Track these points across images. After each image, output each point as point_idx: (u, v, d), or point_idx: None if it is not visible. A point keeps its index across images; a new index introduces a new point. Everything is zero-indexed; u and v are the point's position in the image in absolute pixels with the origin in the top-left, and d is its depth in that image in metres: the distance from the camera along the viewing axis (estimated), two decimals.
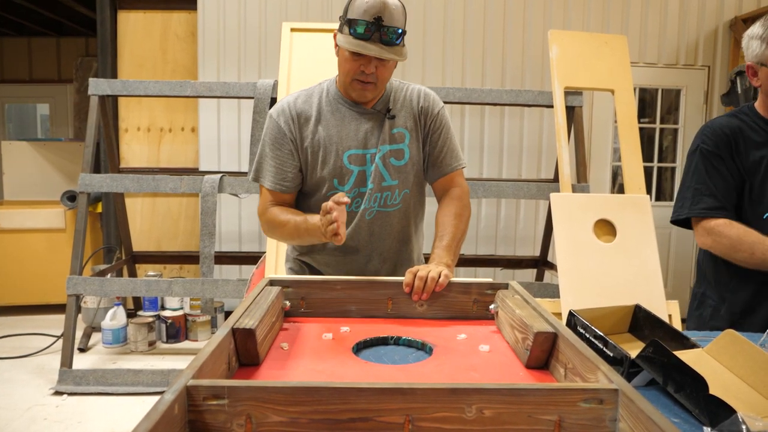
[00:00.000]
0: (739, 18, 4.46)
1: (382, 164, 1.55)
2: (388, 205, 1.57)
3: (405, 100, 1.60)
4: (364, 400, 0.72)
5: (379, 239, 1.58)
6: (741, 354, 1.04)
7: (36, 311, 4.60)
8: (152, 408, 0.64)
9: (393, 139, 1.56)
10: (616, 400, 0.75)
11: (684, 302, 4.65)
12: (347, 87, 1.52)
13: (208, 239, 3.38)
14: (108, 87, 3.51)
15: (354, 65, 1.46)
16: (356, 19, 1.41)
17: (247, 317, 1.00)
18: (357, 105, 1.56)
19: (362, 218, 1.56)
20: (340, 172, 1.54)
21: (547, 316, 1.04)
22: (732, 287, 1.67)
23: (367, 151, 1.55)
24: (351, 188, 1.54)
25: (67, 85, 7.24)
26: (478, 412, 0.74)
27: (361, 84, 1.49)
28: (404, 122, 1.58)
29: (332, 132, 1.55)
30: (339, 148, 1.54)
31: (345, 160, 1.54)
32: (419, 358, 1.09)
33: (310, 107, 1.57)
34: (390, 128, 1.56)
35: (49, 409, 3.03)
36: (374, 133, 1.56)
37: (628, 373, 1.05)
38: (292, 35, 3.55)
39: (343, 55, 1.48)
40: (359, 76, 1.47)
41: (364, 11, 1.40)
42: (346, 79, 1.50)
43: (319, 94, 1.60)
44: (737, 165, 1.63)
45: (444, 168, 1.62)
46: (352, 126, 1.55)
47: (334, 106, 1.57)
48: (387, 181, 1.56)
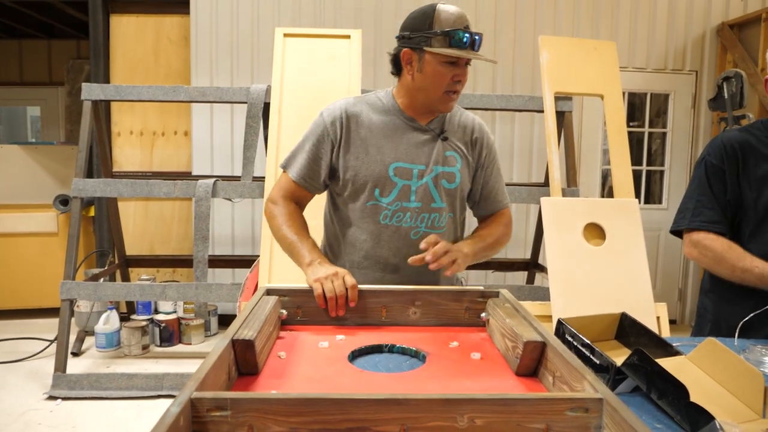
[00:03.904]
0: (726, 24, 4.52)
1: (433, 185, 1.55)
2: (435, 227, 1.57)
3: (459, 125, 1.61)
4: (362, 411, 0.76)
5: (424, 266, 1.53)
6: (722, 362, 1.08)
7: (28, 315, 4.59)
8: (159, 421, 0.67)
9: (446, 161, 1.56)
10: (600, 409, 0.78)
11: (672, 304, 4.73)
12: (436, 101, 1.51)
13: (201, 243, 3.40)
14: (101, 92, 3.52)
15: (449, 76, 1.47)
16: (454, 30, 1.43)
17: (245, 328, 1.03)
18: (412, 119, 1.57)
19: (407, 237, 1.55)
20: (384, 182, 1.53)
21: (537, 325, 1.08)
22: (731, 300, 1.68)
23: (415, 166, 1.54)
24: (393, 201, 1.53)
25: (58, 87, 7.22)
26: (470, 421, 0.77)
27: (453, 95, 1.50)
28: (456, 146, 1.59)
29: (381, 141, 1.54)
30: (386, 158, 1.53)
31: (390, 171, 1.53)
32: (413, 365, 1.12)
33: (363, 113, 1.57)
34: (443, 150, 1.57)
35: (43, 413, 3.04)
36: (425, 151, 1.55)
37: (614, 380, 1.09)
38: (285, 40, 3.58)
39: (435, 69, 1.47)
40: (451, 86, 1.49)
41: (455, 21, 1.44)
42: (438, 92, 1.49)
43: (374, 103, 1.60)
44: (742, 180, 1.64)
45: (496, 204, 1.67)
46: (403, 139, 1.55)
47: (388, 116, 1.57)
48: (436, 203, 1.56)
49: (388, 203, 1.53)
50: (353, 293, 1.31)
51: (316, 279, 1.33)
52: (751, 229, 1.65)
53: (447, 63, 1.46)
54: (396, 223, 1.54)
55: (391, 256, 1.55)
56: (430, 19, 1.46)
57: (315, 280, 1.33)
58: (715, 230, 1.64)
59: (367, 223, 1.56)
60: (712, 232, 1.65)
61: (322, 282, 1.32)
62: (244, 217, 4.51)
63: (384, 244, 1.55)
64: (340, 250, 1.63)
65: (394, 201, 1.53)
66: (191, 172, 4.51)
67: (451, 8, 1.47)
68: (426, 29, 1.46)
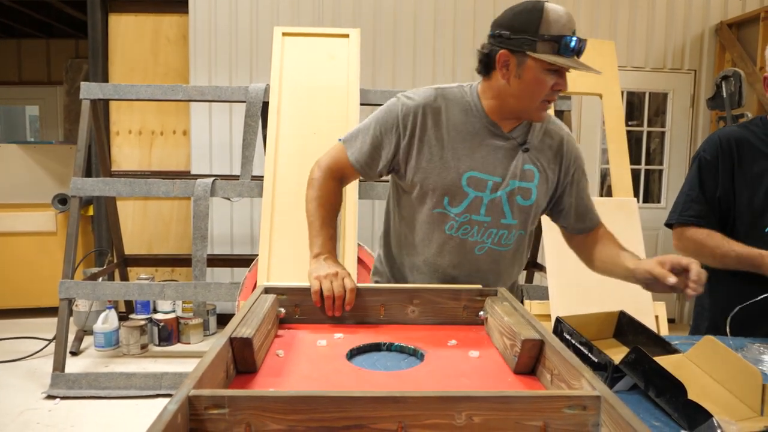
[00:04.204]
0: (724, 23, 4.53)
1: (506, 200, 1.43)
2: (502, 245, 1.47)
3: (545, 135, 1.48)
4: (359, 408, 0.76)
5: (483, 276, 1.48)
6: (719, 360, 1.09)
7: (27, 315, 4.59)
8: (156, 419, 0.67)
9: (523, 175, 1.44)
10: (598, 407, 0.78)
11: (671, 303, 4.73)
12: (530, 110, 1.39)
13: (200, 242, 3.40)
14: (100, 91, 3.52)
15: (549, 85, 1.34)
16: (563, 35, 1.29)
17: (243, 326, 1.02)
18: (494, 125, 1.43)
19: (471, 252, 1.46)
20: (455, 191, 1.42)
21: (535, 323, 1.08)
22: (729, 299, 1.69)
23: (491, 177, 1.42)
24: (462, 212, 1.43)
25: (57, 87, 7.21)
26: (468, 419, 0.77)
27: (548, 104, 1.38)
28: (537, 160, 1.45)
29: (458, 146, 1.42)
30: (461, 166, 1.41)
31: (463, 180, 1.41)
32: (411, 364, 1.12)
33: (443, 110, 1.44)
34: (522, 163, 1.44)
35: (42, 413, 3.04)
36: (503, 162, 1.43)
37: (612, 378, 1.09)
38: (283, 39, 3.58)
39: (537, 77, 1.33)
40: (550, 95, 1.36)
41: (564, 24, 1.30)
42: (533, 102, 1.36)
43: (458, 99, 1.45)
44: (737, 177, 1.65)
45: (594, 220, 1.57)
46: (482, 146, 1.42)
47: (469, 117, 1.43)
48: (507, 219, 1.44)
49: (456, 214, 1.43)
50: (351, 296, 1.29)
51: (316, 276, 1.32)
52: (746, 227, 1.65)
53: (550, 71, 1.32)
54: (461, 236, 1.45)
55: (451, 267, 1.47)
56: (537, 20, 1.30)
57: (315, 277, 1.32)
58: (701, 225, 1.66)
59: (432, 230, 1.46)
60: (698, 227, 1.66)
61: (321, 280, 1.30)
62: (242, 216, 4.51)
63: (446, 255, 1.46)
64: (399, 248, 1.56)
65: (462, 212, 1.43)
66: (190, 171, 4.51)
67: (560, 9, 1.31)
68: (532, 31, 1.30)
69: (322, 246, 1.43)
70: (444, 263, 1.47)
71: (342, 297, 1.28)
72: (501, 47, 1.35)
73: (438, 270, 1.48)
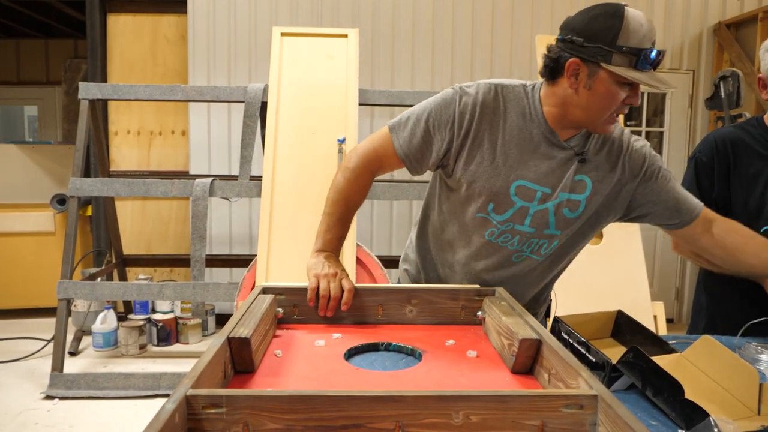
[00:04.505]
0: (722, 23, 4.53)
1: (553, 212, 1.36)
2: (542, 254, 1.41)
3: (605, 144, 1.37)
4: (357, 408, 0.76)
5: (515, 281, 1.44)
6: (716, 359, 1.09)
7: (25, 315, 4.58)
8: (154, 418, 0.67)
9: (574, 187, 1.36)
10: (595, 406, 0.78)
11: (669, 303, 4.74)
12: (599, 123, 1.30)
13: (199, 242, 3.40)
14: (98, 91, 3.52)
15: (621, 98, 1.25)
16: (643, 48, 1.20)
17: (241, 326, 1.02)
18: (552, 132, 1.34)
19: (508, 260, 1.41)
20: (501, 199, 1.35)
21: (532, 322, 1.08)
22: (727, 297, 1.69)
23: (540, 188, 1.35)
24: (505, 221, 1.37)
25: (56, 87, 7.21)
26: (465, 418, 0.77)
27: (614, 117, 1.30)
28: (592, 170, 1.36)
29: (512, 152, 1.34)
30: (511, 173, 1.34)
31: (512, 189, 1.34)
32: (409, 363, 1.12)
33: (502, 111, 1.35)
34: (574, 173, 1.35)
35: (40, 413, 3.04)
36: (555, 173, 1.35)
37: (610, 378, 1.10)
38: (282, 40, 3.58)
39: (609, 89, 1.24)
40: (619, 110, 1.27)
41: (645, 36, 1.20)
42: (602, 115, 1.27)
43: (519, 99, 1.36)
44: (733, 178, 1.64)
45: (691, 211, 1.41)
46: (536, 154, 1.34)
47: (527, 121, 1.34)
48: (550, 230, 1.38)
49: (499, 221, 1.37)
50: (348, 296, 1.27)
51: (315, 273, 1.30)
52: None
53: (624, 84, 1.23)
54: (501, 243, 1.39)
55: (484, 271, 1.43)
56: (615, 28, 1.20)
57: (314, 274, 1.30)
58: None
59: (471, 233, 1.41)
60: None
61: (319, 278, 1.29)
62: (241, 216, 4.51)
63: (482, 259, 1.42)
64: (435, 242, 1.50)
65: (506, 221, 1.36)
66: (188, 171, 4.51)
67: (641, 17, 1.21)
68: (608, 41, 1.20)
69: (328, 243, 1.40)
70: (478, 267, 1.43)
71: (338, 298, 1.27)
72: (572, 54, 1.25)
73: (471, 272, 1.44)
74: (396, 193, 3.44)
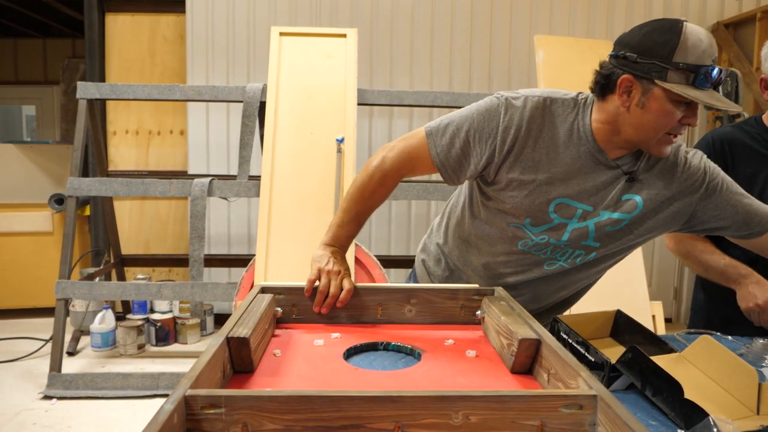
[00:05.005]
0: (721, 23, 4.54)
1: (593, 229, 1.31)
2: (576, 264, 1.37)
3: (660, 161, 1.31)
4: (356, 408, 0.76)
5: (544, 286, 1.41)
6: (716, 358, 1.09)
7: (23, 315, 4.57)
8: (152, 418, 0.67)
9: (620, 206, 1.30)
10: (595, 406, 0.78)
11: (668, 303, 4.74)
12: (652, 144, 1.23)
13: (197, 242, 3.40)
14: (96, 91, 3.51)
15: (677, 118, 1.19)
16: (702, 65, 1.14)
17: (240, 326, 1.02)
18: (600, 151, 1.28)
19: (539, 266, 1.38)
20: (539, 216, 1.30)
21: (531, 322, 1.08)
22: (727, 296, 1.69)
23: (581, 206, 1.29)
24: (541, 233, 1.32)
25: (54, 86, 7.20)
26: (465, 419, 0.77)
27: (673, 138, 1.23)
28: (644, 188, 1.30)
29: (555, 170, 1.28)
30: (552, 190, 1.29)
31: (551, 207, 1.29)
32: (408, 363, 1.12)
33: (550, 125, 1.29)
34: (622, 193, 1.29)
35: (38, 413, 3.03)
36: (600, 192, 1.29)
37: (609, 378, 1.10)
38: (281, 39, 3.58)
39: (663, 108, 1.18)
40: (676, 129, 1.21)
41: (703, 52, 1.14)
42: (656, 135, 1.21)
43: (568, 115, 1.29)
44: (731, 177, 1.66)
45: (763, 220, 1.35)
46: (580, 173, 1.28)
47: (575, 141, 1.28)
48: (587, 241, 1.32)
49: (534, 233, 1.32)
50: (345, 296, 1.27)
51: (318, 267, 1.29)
52: None
53: (681, 102, 1.17)
54: (534, 253, 1.35)
55: (512, 277, 1.39)
56: (672, 44, 1.14)
57: (317, 268, 1.29)
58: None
59: (503, 240, 1.37)
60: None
61: (321, 273, 1.28)
62: (240, 216, 4.51)
63: (512, 264, 1.38)
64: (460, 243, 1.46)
65: (541, 234, 1.32)
66: (187, 171, 4.51)
67: (702, 32, 1.16)
68: (664, 57, 1.15)
69: (338, 239, 1.38)
70: (507, 272, 1.40)
71: (336, 297, 1.27)
72: (624, 71, 1.20)
73: (497, 277, 1.41)
74: (395, 193, 3.44)
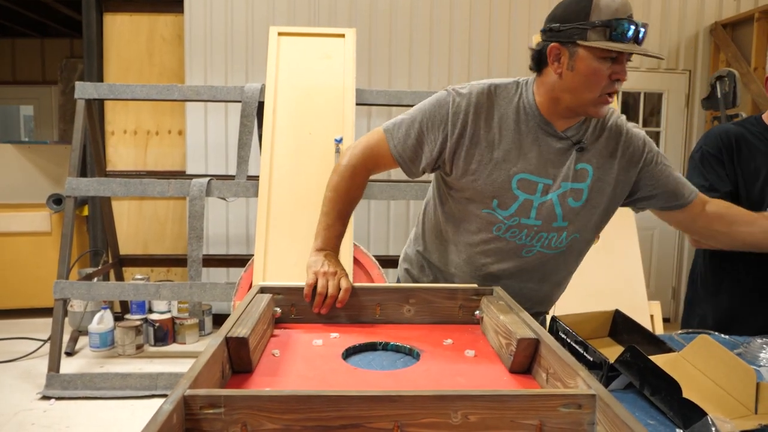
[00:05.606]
0: (719, 23, 4.54)
1: (558, 203, 1.36)
2: (552, 247, 1.41)
3: (604, 131, 1.39)
4: (355, 408, 0.76)
5: (527, 277, 1.44)
6: (714, 358, 1.09)
7: (22, 315, 4.57)
8: (152, 418, 0.67)
9: (576, 176, 1.37)
10: (593, 405, 0.78)
11: (666, 303, 4.75)
12: (589, 104, 1.30)
13: (195, 242, 3.39)
14: (95, 91, 3.51)
15: (606, 75, 1.25)
16: (616, 19, 1.23)
17: (239, 326, 1.02)
18: (548, 124, 1.35)
19: (518, 254, 1.41)
20: (504, 194, 1.36)
21: (530, 322, 1.08)
22: (720, 291, 1.70)
23: (541, 179, 1.36)
24: (511, 215, 1.37)
25: (52, 86, 7.19)
26: (464, 418, 0.77)
27: (609, 97, 1.29)
28: (593, 158, 1.38)
29: (510, 147, 1.35)
30: (511, 168, 1.35)
31: (514, 183, 1.35)
32: (407, 363, 1.12)
33: (496, 109, 1.37)
34: (575, 162, 1.36)
35: (37, 413, 3.03)
36: (555, 164, 1.36)
37: (607, 377, 1.10)
38: (279, 39, 3.58)
39: (591, 66, 1.25)
40: (609, 87, 1.27)
41: (618, 9, 1.23)
42: (594, 93, 1.27)
43: (510, 96, 1.38)
44: (737, 170, 1.64)
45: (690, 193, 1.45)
46: (534, 147, 1.35)
47: (523, 117, 1.36)
48: (558, 222, 1.38)
49: (505, 217, 1.37)
50: (344, 296, 1.28)
51: (314, 271, 1.30)
52: None
53: (606, 59, 1.25)
54: (509, 238, 1.39)
55: (494, 267, 1.42)
56: (587, 7, 1.24)
57: (314, 271, 1.30)
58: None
59: (478, 230, 1.41)
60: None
61: (318, 275, 1.29)
62: (238, 216, 4.50)
63: (490, 254, 1.42)
64: (438, 244, 1.50)
65: (512, 216, 1.37)
66: (185, 171, 4.50)
67: None
68: (581, 19, 1.25)
69: (328, 242, 1.41)
70: (488, 263, 1.43)
71: (334, 297, 1.28)
72: (552, 41, 1.29)
73: (480, 270, 1.44)
74: (393, 193, 3.44)
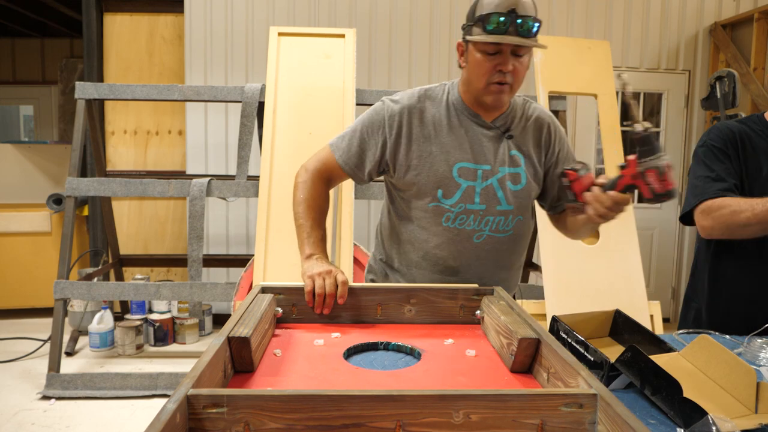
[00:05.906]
0: (718, 24, 4.55)
1: (499, 187, 1.46)
2: (500, 231, 1.49)
3: (528, 122, 1.52)
4: (357, 407, 0.76)
5: (484, 264, 1.50)
6: (714, 357, 1.09)
7: (22, 315, 4.57)
8: (155, 418, 0.67)
9: (512, 161, 1.48)
10: (594, 404, 0.79)
11: (666, 302, 4.75)
12: (481, 93, 1.42)
13: (196, 242, 3.39)
14: (95, 91, 3.51)
15: (490, 65, 1.36)
16: (489, 13, 1.32)
17: (241, 326, 1.03)
18: (476, 116, 1.48)
19: (470, 240, 1.48)
20: (447, 183, 1.45)
21: (531, 322, 1.08)
22: (719, 289, 1.69)
23: (479, 166, 1.46)
24: (456, 203, 1.46)
25: (52, 86, 7.19)
26: (465, 417, 0.77)
27: (498, 86, 1.39)
28: (521, 145, 1.50)
29: (446, 140, 1.46)
30: (450, 158, 1.45)
31: (454, 172, 1.45)
32: (408, 363, 1.12)
33: (427, 109, 1.49)
34: (508, 149, 1.48)
35: (37, 413, 3.03)
36: (490, 150, 1.47)
37: (608, 377, 1.10)
38: (279, 39, 3.58)
39: (475, 58, 1.38)
40: (496, 77, 1.38)
41: (496, 5, 1.32)
42: (480, 83, 1.40)
43: (439, 97, 1.51)
44: (741, 165, 1.64)
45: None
46: (467, 137, 1.47)
47: (453, 112, 1.49)
48: (502, 206, 1.47)
49: (450, 205, 1.46)
50: (343, 289, 1.30)
51: (309, 275, 1.33)
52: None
53: (487, 52, 1.35)
54: (459, 226, 1.47)
55: (451, 258, 1.49)
56: (474, 5, 1.38)
57: (309, 276, 1.32)
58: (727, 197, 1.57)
59: (429, 224, 1.49)
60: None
61: (314, 278, 1.31)
62: (238, 216, 4.51)
63: (445, 246, 1.48)
64: (396, 247, 1.57)
65: (457, 203, 1.45)
66: (185, 171, 4.50)
67: None
68: (470, 16, 1.38)
69: (314, 247, 1.45)
70: (444, 255, 1.49)
71: (333, 295, 1.30)
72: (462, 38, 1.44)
73: (438, 263, 1.50)
74: None
